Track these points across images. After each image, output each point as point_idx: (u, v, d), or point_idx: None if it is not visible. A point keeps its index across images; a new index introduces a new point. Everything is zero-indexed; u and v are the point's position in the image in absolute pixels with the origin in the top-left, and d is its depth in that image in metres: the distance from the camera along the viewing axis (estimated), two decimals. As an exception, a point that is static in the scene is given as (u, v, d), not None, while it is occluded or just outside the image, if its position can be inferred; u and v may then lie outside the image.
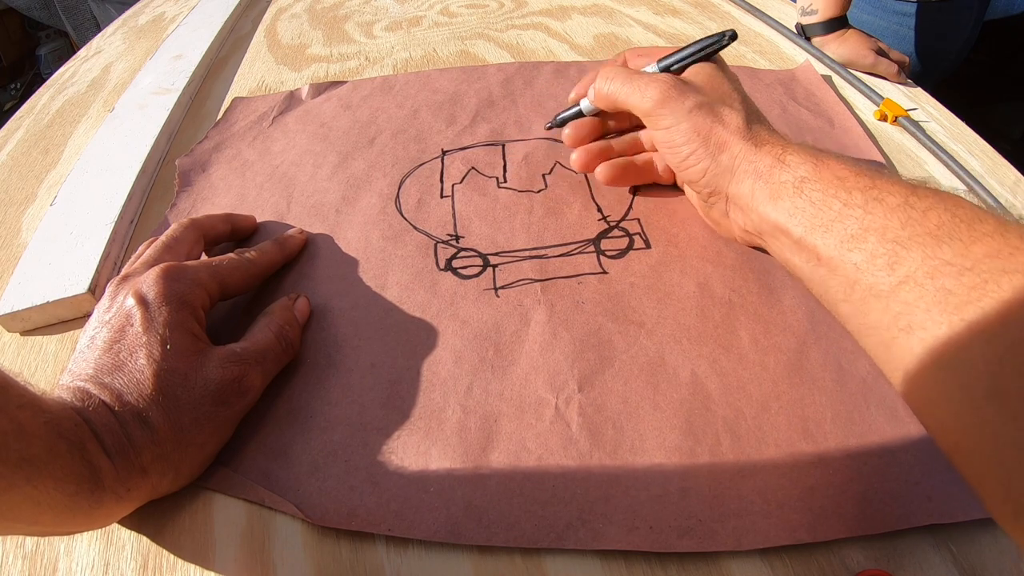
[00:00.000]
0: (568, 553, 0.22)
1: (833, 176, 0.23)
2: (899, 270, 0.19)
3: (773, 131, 0.28)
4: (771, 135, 0.27)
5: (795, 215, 0.24)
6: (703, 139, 0.28)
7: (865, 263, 0.20)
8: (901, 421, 0.25)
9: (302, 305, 0.30)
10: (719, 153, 0.27)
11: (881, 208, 0.21)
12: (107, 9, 1.64)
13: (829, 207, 0.22)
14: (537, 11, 0.60)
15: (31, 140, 0.48)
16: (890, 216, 0.20)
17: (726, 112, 0.28)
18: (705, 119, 0.28)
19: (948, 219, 0.19)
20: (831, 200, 0.22)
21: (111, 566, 0.23)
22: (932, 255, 0.19)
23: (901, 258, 0.19)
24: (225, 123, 0.45)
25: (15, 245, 0.37)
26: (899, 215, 0.20)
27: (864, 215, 0.21)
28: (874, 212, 0.21)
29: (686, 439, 0.25)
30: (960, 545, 0.22)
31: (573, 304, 0.30)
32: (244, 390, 0.25)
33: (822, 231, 0.22)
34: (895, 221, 0.20)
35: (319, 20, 0.62)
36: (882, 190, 0.21)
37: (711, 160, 0.28)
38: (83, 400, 0.22)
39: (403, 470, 0.24)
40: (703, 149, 0.28)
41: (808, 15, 0.58)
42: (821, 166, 0.24)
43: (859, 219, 0.21)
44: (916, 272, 0.19)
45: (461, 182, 0.38)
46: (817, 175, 0.24)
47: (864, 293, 0.21)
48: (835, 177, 0.23)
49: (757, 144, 0.27)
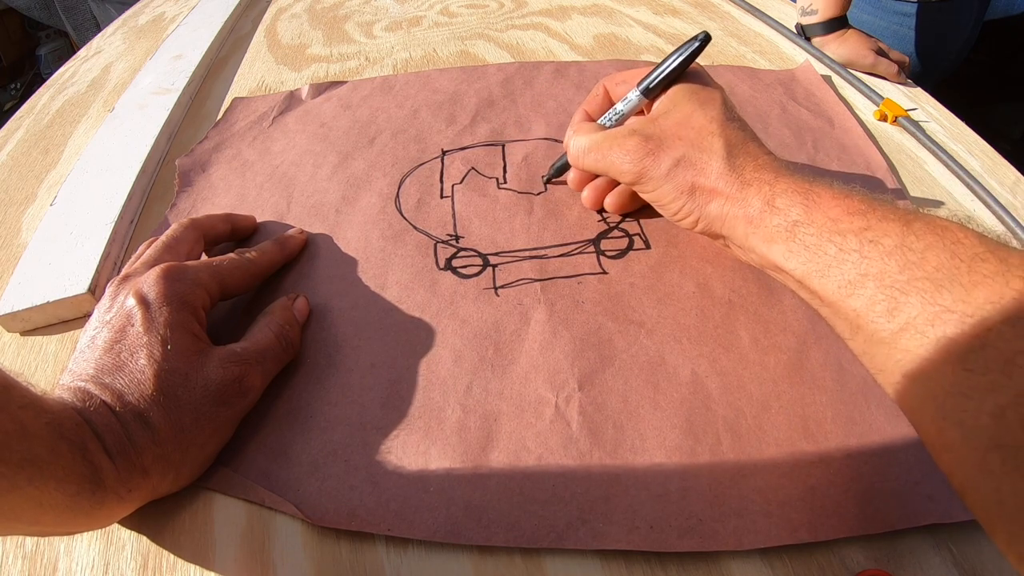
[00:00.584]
0: (568, 553, 0.22)
1: (826, 218, 0.22)
2: (899, 317, 0.19)
3: (760, 161, 0.26)
4: (756, 170, 0.26)
5: (791, 259, 0.23)
6: (688, 195, 0.27)
7: (865, 309, 0.20)
8: (901, 421, 0.25)
9: (301, 305, 0.30)
10: (706, 204, 0.27)
11: (877, 252, 0.20)
12: (107, 9, 1.64)
13: (824, 251, 0.22)
14: (537, 11, 0.60)
15: (31, 140, 0.48)
16: (887, 260, 0.20)
17: (703, 160, 0.27)
18: (684, 175, 0.27)
19: (947, 260, 0.19)
20: (826, 244, 0.22)
21: (111, 566, 0.23)
22: (932, 301, 0.18)
23: (900, 304, 0.19)
24: (225, 123, 0.45)
25: (15, 245, 0.37)
26: (896, 259, 0.20)
27: (860, 259, 0.21)
28: (870, 256, 0.20)
29: (686, 439, 0.25)
30: (960, 545, 0.22)
31: (573, 304, 0.30)
32: (244, 390, 0.25)
33: (819, 276, 0.22)
34: (893, 265, 0.20)
35: (319, 20, 0.62)
36: (876, 231, 0.21)
37: (700, 211, 0.27)
38: (84, 400, 0.22)
39: (403, 470, 0.24)
40: (690, 203, 0.27)
41: (808, 15, 0.58)
42: (812, 207, 0.23)
43: (855, 264, 0.21)
44: (916, 319, 0.18)
45: (461, 182, 0.38)
46: (809, 218, 0.23)
47: (867, 337, 0.20)
48: (828, 219, 0.22)
49: (743, 186, 0.26)
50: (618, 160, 0.29)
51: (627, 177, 0.29)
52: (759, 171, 0.26)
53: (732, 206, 0.26)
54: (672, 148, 0.27)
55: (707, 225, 0.27)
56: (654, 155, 0.27)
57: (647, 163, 0.28)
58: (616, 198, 0.34)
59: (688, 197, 0.27)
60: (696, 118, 0.28)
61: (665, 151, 0.27)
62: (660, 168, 0.27)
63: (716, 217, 0.27)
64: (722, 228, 0.27)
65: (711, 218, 0.27)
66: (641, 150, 0.28)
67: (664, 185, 0.27)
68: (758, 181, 0.25)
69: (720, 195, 0.26)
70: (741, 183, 0.26)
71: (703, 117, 0.28)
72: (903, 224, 0.20)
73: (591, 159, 0.30)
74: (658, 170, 0.27)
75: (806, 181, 0.25)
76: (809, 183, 0.24)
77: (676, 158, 0.27)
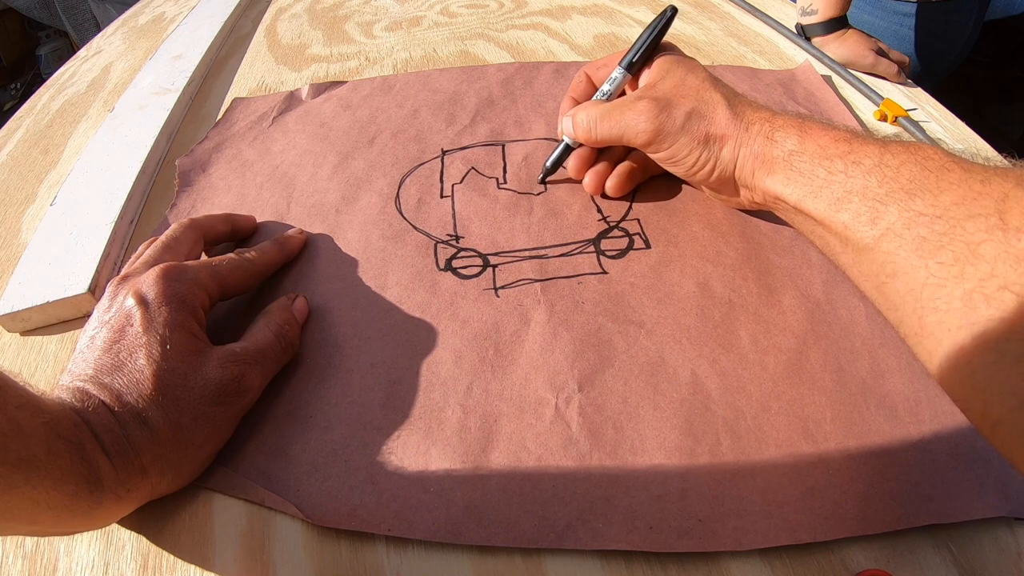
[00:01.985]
0: (568, 553, 0.22)
1: (816, 146, 0.25)
2: (880, 224, 0.22)
3: (755, 106, 0.29)
4: (755, 111, 0.29)
5: (788, 185, 0.26)
6: (703, 145, 0.29)
7: (852, 221, 0.23)
8: (901, 421, 0.25)
9: (300, 305, 0.30)
10: (720, 150, 0.29)
11: (859, 171, 0.23)
12: (107, 9, 1.64)
13: (816, 175, 0.25)
14: (537, 11, 0.60)
15: (31, 140, 0.48)
16: (868, 177, 0.23)
17: (710, 109, 0.29)
18: (698, 126, 0.29)
19: (919, 172, 0.21)
20: (817, 168, 0.25)
21: (111, 566, 0.23)
22: (907, 207, 0.21)
23: (881, 213, 0.22)
24: (225, 123, 0.45)
25: (15, 245, 0.37)
26: (876, 175, 0.23)
27: (846, 179, 0.24)
28: (853, 175, 0.23)
29: (686, 439, 0.25)
30: (960, 545, 0.22)
31: (573, 304, 0.30)
32: (243, 390, 0.25)
33: (813, 196, 0.25)
34: (873, 181, 0.23)
35: (319, 20, 0.62)
36: (858, 154, 0.24)
37: (715, 160, 0.29)
38: (82, 400, 0.22)
39: (403, 470, 0.24)
40: (706, 153, 0.29)
41: (808, 15, 0.58)
42: (805, 137, 0.26)
43: (842, 183, 0.24)
44: (894, 224, 0.21)
45: (461, 182, 0.38)
46: (802, 147, 0.26)
47: (855, 246, 0.23)
48: (818, 146, 0.25)
49: (747, 126, 0.28)
50: (633, 121, 0.30)
51: (643, 136, 0.30)
52: (757, 111, 0.29)
53: (742, 147, 0.28)
54: (681, 103, 0.30)
55: (722, 171, 0.29)
56: (667, 111, 0.30)
57: (662, 119, 0.30)
58: (617, 179, 0.35)
59: (703, 147, 0.29)
60: (689, 80, 0.31)
61: (676, 107, 0.30)
62: (675, 122, 0.29)
63: (729, 161, 0.29)
64: (734, 171, 0.29)
65: (725, 163, 0.29)
66: (655, 108, 0.30)
67: (681, 138, 0.30)
68: (759, 120, 0.28)
69: (730, 139, 0.29)
70: (745, 124, 0.28)
71: (695, 79, 0.31)
72: (881, 146, 0.23)
73: (605, 127, 0.32)
74: (673, 124, 0.29)
75: (799, 117, 0.28)
76: (802, 118, 0.27)
77: (688, 111, 0.29)
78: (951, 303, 0.19)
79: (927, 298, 0.19)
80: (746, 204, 0.32)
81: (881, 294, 0.22)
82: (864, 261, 0.23)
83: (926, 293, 0.19)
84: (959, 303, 0.18)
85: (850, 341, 0.28)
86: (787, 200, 0.26)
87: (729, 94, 0.30)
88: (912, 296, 0.20)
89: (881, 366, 0.27)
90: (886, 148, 0.23)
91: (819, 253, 0.32)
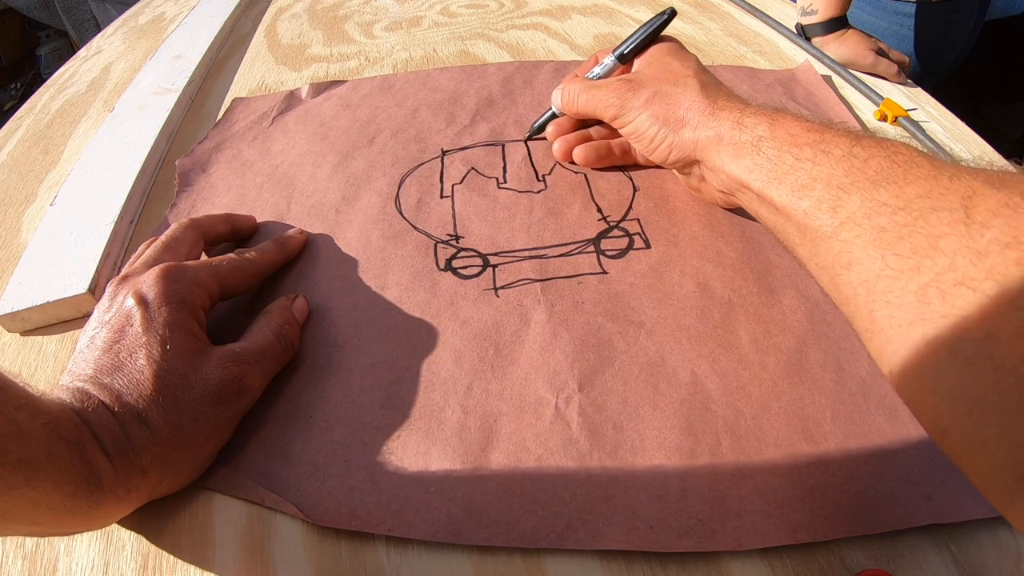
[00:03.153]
0: (568, 553, 0.22)
1: (787, 134, 0.25)
2: (841, 212, 0.21)
3: (732, 96, 0.30)
4: (729, 100, 0.29)
5: (754, 171, 0.26)
6: (662, 122, 0.31)
7: (812, 208, 0.22)
8: (901, 421, 0.25)
9: (300, 305, 0.30)
10: (679, 130, 0.30)
11: (827, 159, 0.23)
12: (107, 9, 1.64)
13: (783, 161, 0.24)
14: (537, 11, 0.60)
15: (31, 140, 0.48)
16: (835, 166, 0.22)
17: (678, 92, 0.31)
18: (660, 105, 0.31)
19: (887, 165, 0.21)
20: (785, 155, 0.24)
21: (111, 566, 0.23)
22: (870, 197, 0.20)
23: (843, 202, 0.21)
24: (225, 123, 0.45)
25: (15, 245, 0.37)
26: (843, 164, 0.22)
27: (812, 167, 0.23)
28: (821, 163, 0.23)
29: (686, 439, 0.25)
30: (960, 545, 0.22)
31: (573, 304, 0.30)
32: (243, 390, 0.25)
33: (776, 183, 0.24)
34: (839, 170, 0.22)
35: (319, 20, 0.62)
36: (829, 143, 0.23)
37: (674, 137, 0.30)
38: (82, 401, 0.22)
39: (403, 470, 0.24)
40: (664, 130, 0.31)
41: (808, 15, 0.58)
42: (776, 125, 0.26)
43: (808, 170, 0.23)
44: (855, 213, 0.20)
45: (461, 182, 0.38)
46: (772, 134, 0.26)
47: (813, 235, 0.22)
48: (788, 135, 0.25)
49: (714, 112, 0.29)
50: (603, 96, 0.33)
51: (610, 111, 0.33)
52: (730, 100, 0.29)
53: (703, 130, 0.29)
54: (649, 85, 0.32)
55: (680, 152, 0.31)
56: (634, 90, 0.32)
57: (627, 96, 0.32)
58: (584, 150, 0.37)
59: (662, 124, 0.31)
60: (673, 66, 0.32)
61: (643, 87, 0.32)
62: (638, 99, 0.32)
63: (689, 141, 0.30)
64: (695, 152, 0.30)
65: (684, 143, 0.30)
66: (623, 87, 0.33)
67: (641, 115, 0.32)
68: (729, 108, 0.29)
69: (691, 122, 0.30)
70: (713, 109, 0.29)
71: (680, 65, 0.32)
72: (853, 139, 0.23)
73: (582, 100, 0.35)
74: (636, 101, 0.32)
75: (772, 108, 0.28)
76: (775, 109, 0.27)
77: (653, 91, 0.31)
78: (904, 297, 0.18)
79: (880, 291, 0.19)
80: (717, 196, 0.33)
81: (835, 286, 0.21)
82: (821, 251, 0.22)
83: (880, 286, 0.19)
84: (912, 297, 0.17)
85: (850, 341, 0.28)
86: (751, 186, 0.26)
87: (707, 83, 0.31)
88: (865, 288, 0.19)
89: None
90: (857, 141, 0.23)
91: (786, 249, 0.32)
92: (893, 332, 0.18)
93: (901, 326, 0.18)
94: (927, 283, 0.17)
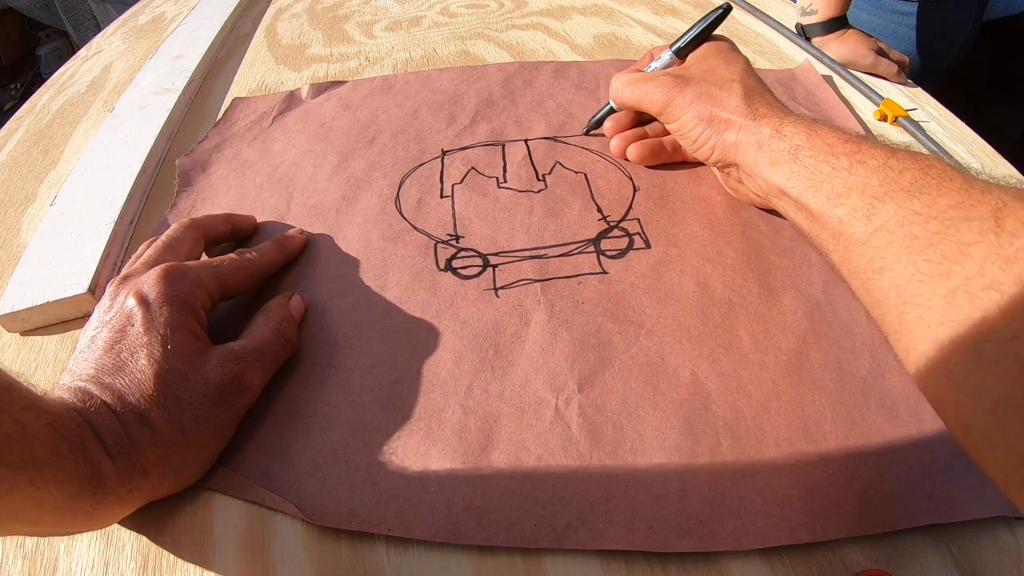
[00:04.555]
0: (568, 553, 0.22)
1: (824, 143, 0.26)
2: (874, 220, 0.22)
3: (773, 103, 0.31)
4: (770, 108, 0.30)
5: (791, 178, 0.27)
6: (706, 123, 0.31)
7: (847, 216, 0.23)
8: (901, 421, 0.25)
9: (297, 303, 0.30)
10: (723, 132, 0.31)
11: (863, 169, 0.24)
12: (107, 9, 1.64)
13: (820, 170, 0.25)
14: (537, 11, 0.60)
15: (31, 140, 0.48)
16: (870, 176, 0.23)
17: (723, 95, 0.31)
18: (705, 106, 0.31)
19: (920, 177, 0.22)
20: (821, 164, 0.25)
21: (111, 566, 0.23)
22: (903, 207, 0.21)
23: (877, 210, 0.22)
24: (225, 123, 0.45)
25: (15, 245, 0.37)
26: (878, 175, 0.23)
27: (848, 176, 0.24)
28: (856, 173, 0.24)
29: (686, 439, 0.25)
30: (960, 545, 0.22)
31: (573, 304, 0.30)
32: (243, 388, 0.25)
33: (813, 191, 0.25)
34: (874, 180, 0.23)
35: (319, 20, 0.62)
36: (864, 154, 0.24)
37: (717, 138, 0.31)
38: (84, 401, 0.22)
39: (403, 470, 0.24)
40: (708, 131, 0.31)
41: (808, 15, 0.58)
42: (814, 135, 0.27)
43: (843, 179, 0.24)
44: (888, 221, 0.21)
45: (461, 182, 0.38)
46: (810, 143, 0.27)
47: (847, 242, 0.23)
48: (825, 144, 0.26)
49: (756, 118, 0.30)
50: (649, 90, 0.34)
51: (656, 105, 0.33)
52: (771, 108, 0.30)
53: (745, 134, 0.30)
54: (696, 84, 0.32)
55: (722, 152, 0.31)
56: (680, 88, 0.32)
57: (674, 92, 0.33)
58: (638, 148, 0.38)
59: (707, 125, 0.31)
60: (720, 69, 0.33)
61: (690, 86, 0.32)
62: (685, 98, 0.32)
63: (731, 144, 0.31)
64: (735, 155, 0.31)
65: (726, 145, 0.31)
66: (670, 83, 0.33)
67: (687, 113, 0.32)
68: (769, 116, 0.29)
69: (734, 125, 0.30)
70: (755, 116, 0.30)
71: (726, 69, 0.33)
72: (888, 151, 0.24)
73: (628, 91, 0.35)
74: (683, 99, 0.32)
75: (810, 118, 0.29)
76: (813, 119, 0.28)
77: (699, 91, 0.32)
78: (933, 300, 0.18)
79: (910, 294, 0.19)
80: (754, 198, 0.33)
81: (866, 290, 0.22)
82: (854, 257, 0.23)
83: (910, 289, 0.19)
84: (941, 300, 0.18)
85: (850, 341, 0.28)
86: (789, 193, 0.27)
87: (751, 89, 0.31)
88: (896, 292, 0.20)
89: (881, 366, 0.27)
90: (892, 153, 0.24)
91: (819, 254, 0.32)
92: (921, 333, 0.19)
93: (930, 327, 0.18)
94: (956, 287, 0.18)
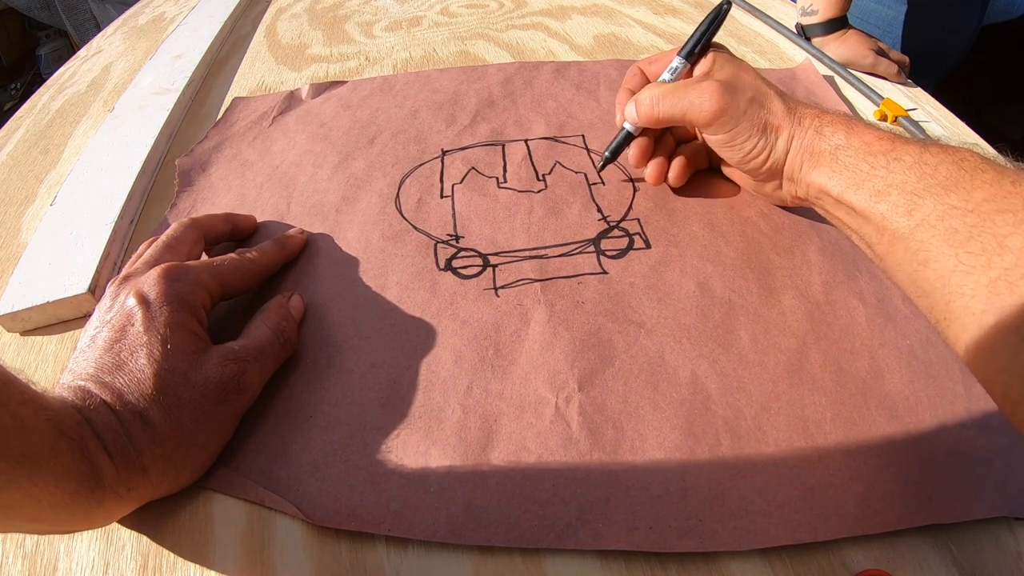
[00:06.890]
0: (568, 553, 0.22)
1: (861, 142, 0.27)
2: (916, 215, 0.23)
3: (807, 104, 0.30)
4: (806, 108, 0.30)
5: (833, 177, 0.27)
6: (760, 131, 0.30)
7: (890, 212, 0.24)
8: (901, 421, 0.25)
9: (296, 302, 0.30)
10: (776, 139, 0.30)
11: (900, 167, 0.25)
12: (107, 9, 1.64)
13: (859, 169, 0.26)
14: (537, 11, 0.60)
15: (31, 140, 0.48)
16: (907, 172, 0.24)
17: (768, 100, 0.30)
18: (758, 112, 0.30)
19: (955, 171, 0.23)
20: (861, 163, 0.26)
21: (111, 566, 0.23)
22: (941, 201, 0.22)
23: (917, 206, 0.23)
24: (225, 123, 0.45)
25: (15, 245, 0.37)
26: (915, 171, 0.24)
27: (887, 174, 0.25)
28: (894, 171, 0.25)
29: (686, 439, 0.25)
30: (960, 545, 0.22)
31: (573, 304, 0.30)
32: (243, 387, 0.25)
33: (855, 189, 0.26)
34: (912, 176, 0.24)
35: (319, 20, 0.62)
36: (900, 151, 0.25)
37: (771, 148, 0.30)
38: (84, 399, 0.22)
39: (403, 470, 0.24)
40: (763, 140, 0.30)
41: (808, 15, 0.58)
42: (851, 134, 0.27)
43: (883, 177, 0.25)
44: (929, 216, 0.23)
45: (461, 182, 0.38)
46: (848, 143, 0.27)
47: (890, 236, 0.24)
48: (863, 143, 0.27)
49: (799, 120, 0.29)
50: (698, 99, 0.31)
51: (707, 115, 0.31)
52: (808, 107, 0.30)
53: (794, 139, 0.29)
54: (745, 89, 0.31)
55: (775, 161, 0.30)
56: (731, 93, 0.30)
57: (727, 99, 0.30)
58: (678, 169, 0.35)
59: (762, 134, 0.30)
60: (742, 76, 0.32)
61: (740, 91, 0.31)
62: (739, 105, 0.30)
63: (782, 151, 0.30)
64: (784, 162, 0.30)
65: (779, 153, 0.30)
66: (720, 88, 0.30)
67: (743, 122, 0.30)
68: (808, 115, 0.29)
69: (785, 130, 0.30)
70: (798, 118, 0.29)
71: (747, 75, 0.32)
72: (921, 147, 0.25)
73: (668, 103, 0.32)
74: (737, 107, 0.30)
75: (847, 116, 0.29)
76: (849, 117, 0.29)
77: (750, 97, 0.30)
78: (977, 289, 0.20)
79: (955, 285, 0.21)
80: (787, 199, 0.32)
81: (913, 282, 0.23)
82: (899, 250, 0.24)
83: (954, 280, 0.21)
84: (984, 290, 0.20)
85: (850, 341, 0.28)
86: (831, 192, 0.27)
87: (779, 90, 0.31)
88: (941, 283, 0.21)
89: (881, 366, 0.27)
90: (926, 148, 0.25)
91: (819, 254, 0.32)
92: (968, 320, 0.20)
93: (975, 314, 0.20)
94: (997, 277, 0.20)
